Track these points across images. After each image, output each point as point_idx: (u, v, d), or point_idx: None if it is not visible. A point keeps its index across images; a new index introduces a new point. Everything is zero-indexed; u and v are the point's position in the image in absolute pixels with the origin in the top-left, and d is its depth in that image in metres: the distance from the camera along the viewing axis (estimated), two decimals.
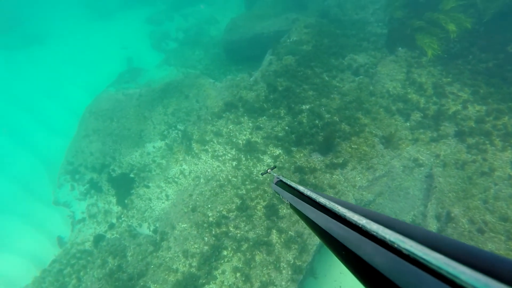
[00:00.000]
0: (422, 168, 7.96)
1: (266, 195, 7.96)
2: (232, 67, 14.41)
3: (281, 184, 1.45)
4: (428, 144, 8.26)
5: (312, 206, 0.91)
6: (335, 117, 9.14)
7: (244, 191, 8.14)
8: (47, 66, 18.30)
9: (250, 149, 9.08)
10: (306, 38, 11.69)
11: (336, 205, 0.76)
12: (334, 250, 0.72)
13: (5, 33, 20.61)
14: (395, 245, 0.51)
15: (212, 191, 8.37)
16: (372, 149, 8.22)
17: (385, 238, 0.54)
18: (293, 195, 1.15)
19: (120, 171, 10.10)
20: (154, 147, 10.42)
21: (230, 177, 8.56)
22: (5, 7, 21.50)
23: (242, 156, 8.98)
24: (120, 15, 22.28)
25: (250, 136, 9.33)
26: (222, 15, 19.84)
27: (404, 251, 0.49)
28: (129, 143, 10.62)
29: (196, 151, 9.56)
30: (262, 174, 2.21)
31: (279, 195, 1.42)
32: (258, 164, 8.69)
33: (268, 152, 8.84)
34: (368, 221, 0.61)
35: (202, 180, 8.87)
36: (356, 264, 0.61)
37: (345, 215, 0.69)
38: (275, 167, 2.23)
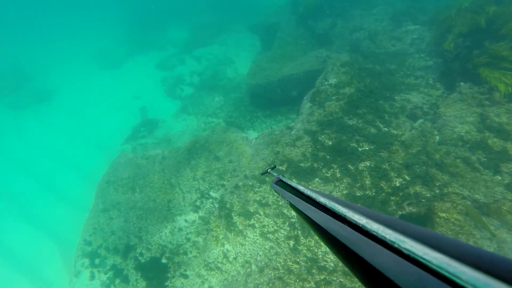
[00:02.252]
0: None
1: None
2: (259, 113, 13.10)
3: (281, 183, 1.44)
4: None
5: (312, 205, 0.91)
6: (404, 176, 7.58)
7: (313, 284, 6.45)
8: (56, 125, 17.18)
9: None
10: (345, 79, 10.37)
11: (336, 205, 0.76)
12: (334, 249, 0.72)
13: (13, 92, 19.82)
14: (395, 245, 0.51)
15: (271, 285, 6.69)
16: (467, 218, 6.57)
17: (385, 237, 0.54)
18: (294, 194, 1.15)
19: (150, 254, 8.49)
20: (186, 221, 8.87)
21: (290, 263, 6.90)
22: (12, 66, 20.88)
23: (299, 232, 7.37)
24: (129, 63, 21.53)
25: None
26: (236, 55, 18.93)
27: (405, 251, 0.49)
28: (157, 218, 9.09)
29: (240, 227, 7.98)
30: (262, 173, 2.12)
31: (279, 194, 1.40)
32: (322, 243, 7.04)
33: None
34: (368, 220, 0.61)
35: (253, 267, 7.21)
36: (356, 263, 0.60)
37: (345, 215, 0.70)
38: (275, 166, 2.07)
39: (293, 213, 7.79)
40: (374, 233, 0.58)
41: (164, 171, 9.96)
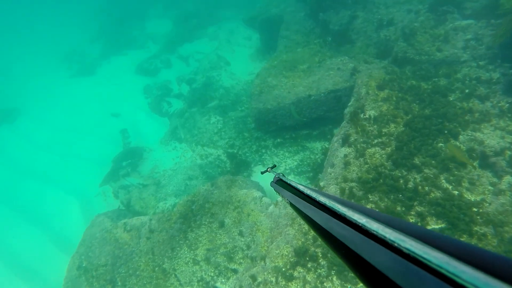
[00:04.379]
0: None
1: None
2: (268, 141, 10.49)
3: (281, 183, 1.41)
4: None
5: (312, 205, 0.91)
6: None
7: None
8: (17, 159, 14.13)
9: None
10: (388, 110, 7.71)
11: (336, 204, 0.76)
12: (334, 249, 0.72)
13: None
14: (395, 244, 0.51)
15: None
16: None
17: (385, 237, 0.54)
18: (293, 194, 1.13)
19: None
20: None
21: None
22: None
23: None
24: (105, 66, 18.33)
25: None
26: (231, 53, 15.89)
27: (404, 250, 0.49)
28: None
29: None
30: (262, 173, 2.09)
31: (279, 194, 1.40)
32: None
33: None
34: (368, 220, 0.61)
35: None
36: (356, 263, 0.60)
37: (345, 214, 0.69)
38: (275, 165, 2.04)
39: None
40: (374, 232, 0.57)
41: (154, 251, 7.47)
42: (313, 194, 0.93)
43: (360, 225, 0.62)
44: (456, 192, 6.24)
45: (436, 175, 6.52)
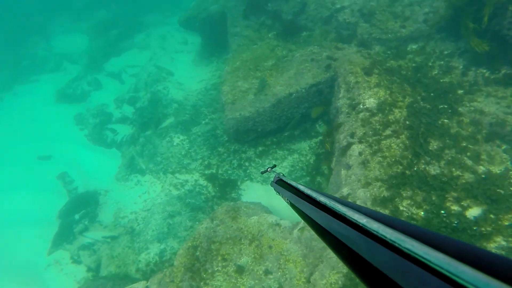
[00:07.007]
0: None
1: None
2: (248, 152, 9.37)
3: (281, 183, 1.39)
4: None
5: (312, 205, 0.89)
6: None
7: None
8: None
9: None
10: (385, 95, 7.25)
11: (337, 204, 0.75)
12: (334, 248, 0.71)
13: None
14: (396, 244, 0.50)
15: None
16: None
17: (385, 237, 0.53)
18: (294, 194, 1.12)
19: None
20: None
21: None
22: None
23: None
24: (9, 99, 14.78)
25: None
26: (170, 61, 14.18)
27: (405, 250, 0.48)
28: None
29: None
30: (262, 172, 2.05)
31: (279, 193, 1.37)
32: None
33: None
34: (369, 220, 0.59)
35: None
36: (356, 262, 0.59)
37: (345, 214, 0.68)
38: (275, 165, 2.01)
39: None
40: (374, 232, 0.56)
41: None
42: (314, 194, 0.91)
43: (360, 225, 0.60)
44: (483, 169, 6.01)
45: (457, 155, 6.23)
